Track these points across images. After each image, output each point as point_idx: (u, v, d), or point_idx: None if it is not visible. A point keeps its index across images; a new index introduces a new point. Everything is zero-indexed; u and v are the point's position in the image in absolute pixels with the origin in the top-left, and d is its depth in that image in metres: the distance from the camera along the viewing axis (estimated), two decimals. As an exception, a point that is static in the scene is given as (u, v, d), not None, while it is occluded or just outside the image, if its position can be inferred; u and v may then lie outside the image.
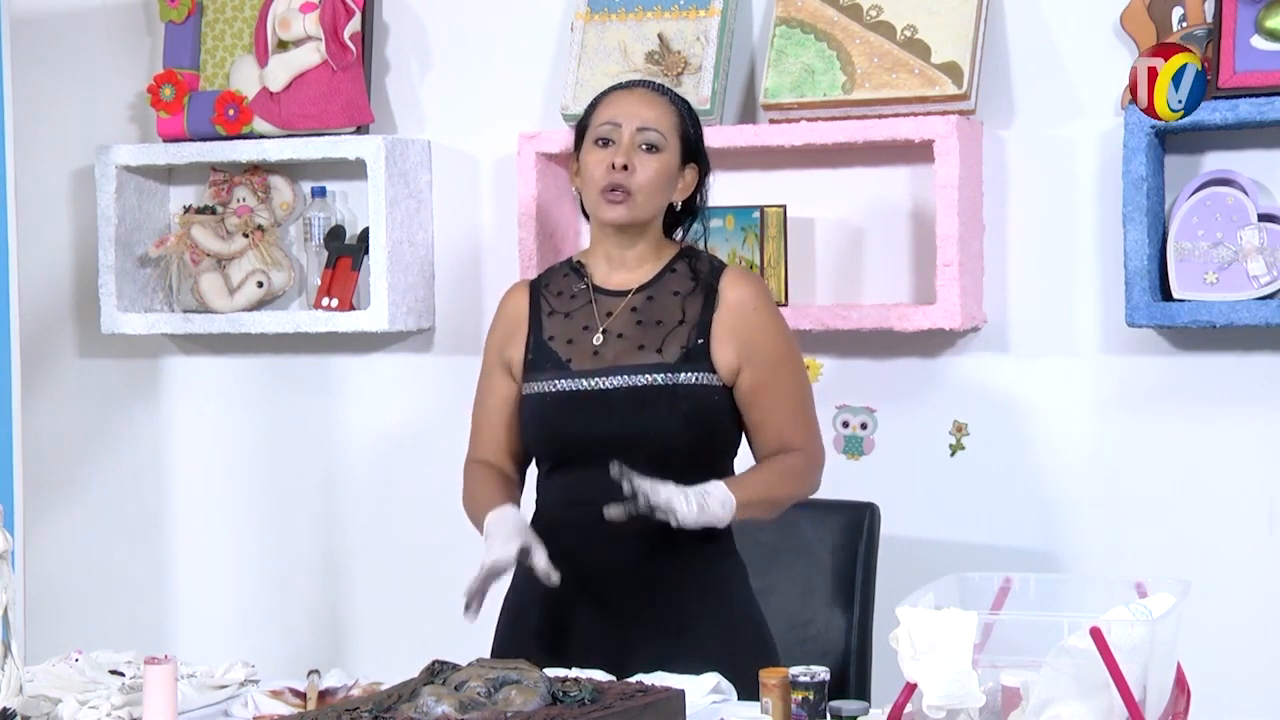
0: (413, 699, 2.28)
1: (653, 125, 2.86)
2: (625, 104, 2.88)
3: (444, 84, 3.97)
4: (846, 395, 3.64)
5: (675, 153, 2.88)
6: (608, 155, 2.85)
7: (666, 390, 2.80)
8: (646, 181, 2.84)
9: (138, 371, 4.24)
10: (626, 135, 2.85)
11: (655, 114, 2.87)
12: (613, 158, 2.84)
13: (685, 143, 2.90)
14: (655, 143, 2.85)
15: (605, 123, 2.87)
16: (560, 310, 2.92)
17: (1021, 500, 3.53)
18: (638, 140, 2.85)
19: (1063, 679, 2.14)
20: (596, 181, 2.85)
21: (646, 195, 2.85)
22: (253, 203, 4.03)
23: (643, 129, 2.85)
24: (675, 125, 2.88)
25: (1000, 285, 3.53)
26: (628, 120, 2.86)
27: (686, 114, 2.92)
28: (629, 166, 2.83)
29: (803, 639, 3.15)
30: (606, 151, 2.85)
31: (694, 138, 2.92)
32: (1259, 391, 3.38)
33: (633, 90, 2.92)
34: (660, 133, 2.86)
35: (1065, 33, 3.48)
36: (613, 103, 2.90)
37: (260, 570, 4.09)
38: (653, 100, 2.89)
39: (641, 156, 2.85)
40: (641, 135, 2.85)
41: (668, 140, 2.86)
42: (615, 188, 2.83)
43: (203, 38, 4.06)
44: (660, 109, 2.88)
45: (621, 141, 2.85)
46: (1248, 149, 3.36)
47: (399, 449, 4.01)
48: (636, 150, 2.85)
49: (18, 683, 2.33)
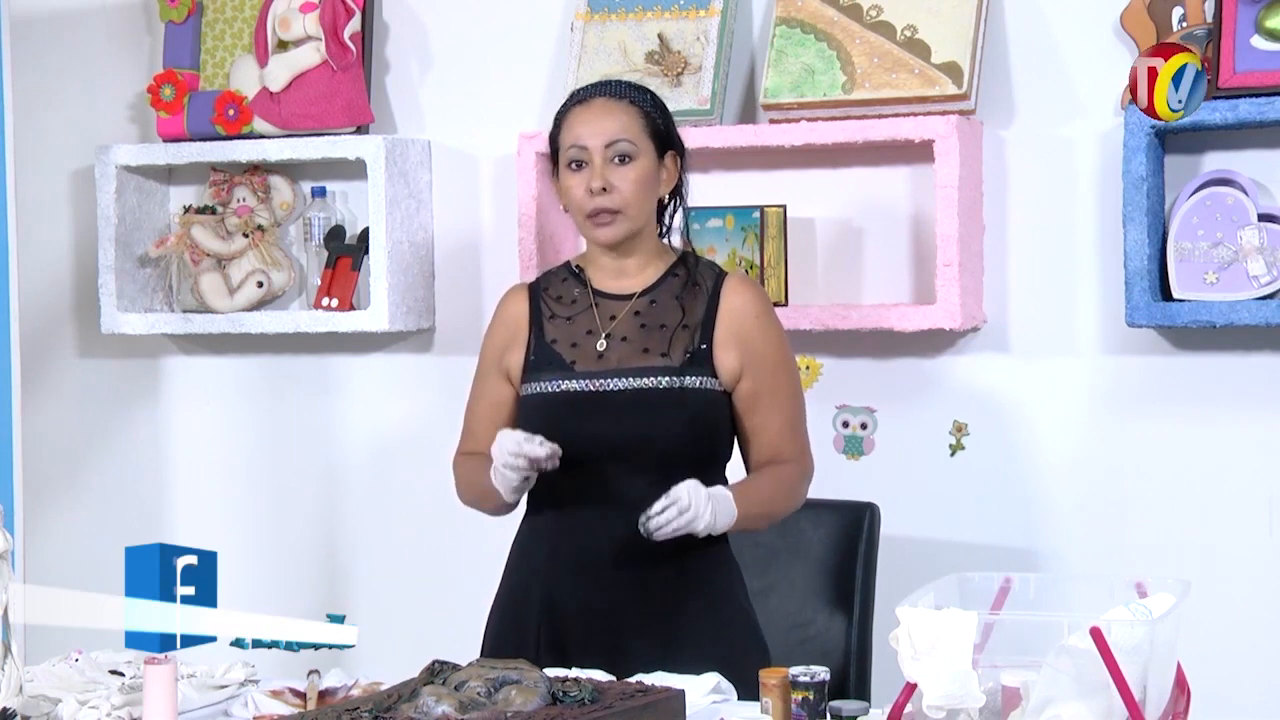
0: (413, 699, 2.28)
1: (620, 136, 2.84)
2: (588, 121, 2.85)
3: (444, 84, 3.97)
4: (846, 395, 3.64)
5: (650, 153, 2.87)
6: (584, 179, 2.84)
7: (673, 393, 2.80)
8: (628, 195, 2.84)
9: (138, 371, 4.24)
10: (597, 156, 2.83)
11: (619, 124, 2.85)
12: (589, 182, 2.83)
13: (657, 138, 2.88)
14: (627, 152, 2.84)
15: (572, 145, 2.85)
16: (561, 314, 2.91)
17: (1021, 500, 3.53)
18: (609, 155, 2.83)
19: (1063, 679, 2.14)
20: (580, 207, 2.85)
21: (633, 208, 2.85)
22: (253, 203, 4.03)
23: (611, 143, 2.83)
24: (643, 126, 2.86)
25: (1000, 285, 3.53)
26: (593, 138, 2.84)
27: (651, 108, 2.89)
28: (607, 187, 2.82)
29: (802, 639, 3.15)
30: (581, 175, 2.84)
31: (664, 128, 2.90)
32: (1259, 391, 3.38)
33: (591, 103, 2.88)
34: (629, 141, 2.84)
35: (1065, 33, 3.48)
36: (575, 122, 2.87)
37: (260, 570, 4.09)
38: (613, 109, 2.86)
39: (617, 171, 2.83)
40: (612, 150, 2.84)
41: (639, 145, 2.85)
42: (600, 210, 2.84)
43: (203, 38, 4.07)
44: (623, 116, 2.86)
45: (594, 163, 2.83)
46: (1248, 149, 3.36)
47: (399, 449, 4.01)
48: (610, 166, 2.83)
49: (18, 683, 2.33)
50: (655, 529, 2.66)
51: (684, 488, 2.68)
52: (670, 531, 2.67)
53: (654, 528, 2.66)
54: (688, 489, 2.68)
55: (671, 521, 2.66)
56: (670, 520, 2.66)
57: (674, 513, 2.66)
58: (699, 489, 2.69)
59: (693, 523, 2.68)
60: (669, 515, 2.66)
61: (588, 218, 2.85)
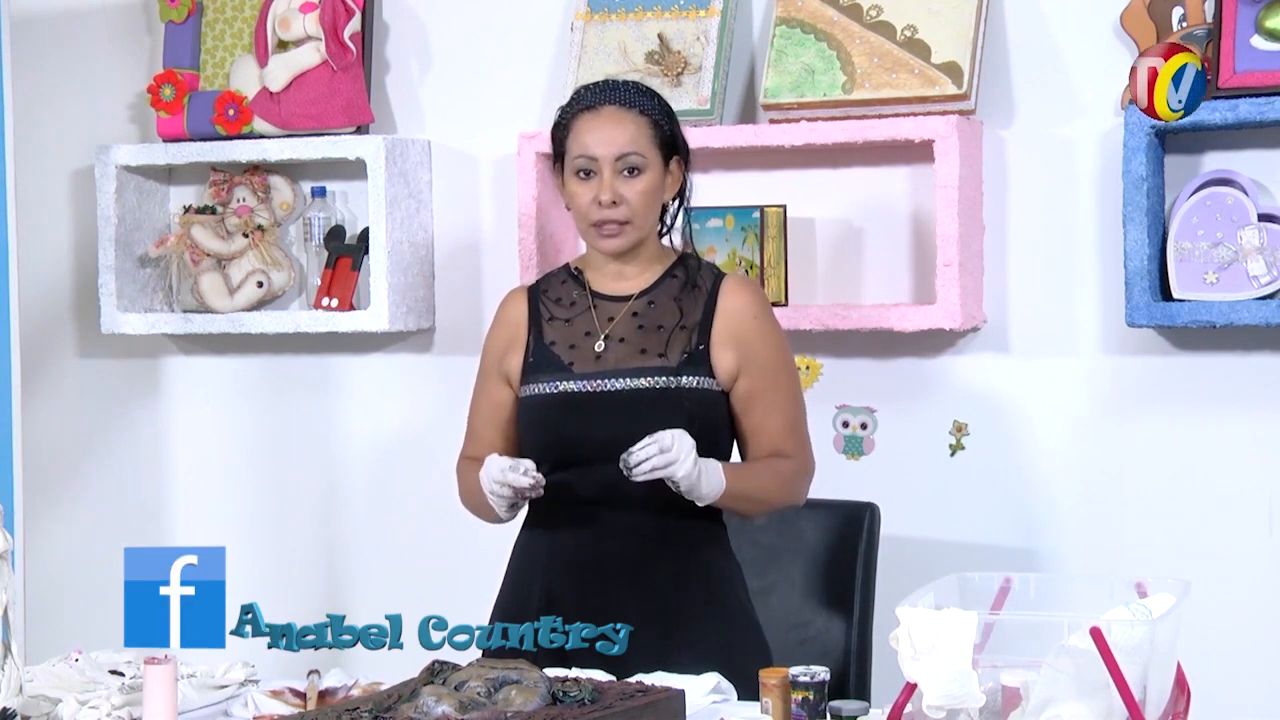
0: (413, 699, 2.28)
1: (630, 149, 2.84)
2: (597, 131, 2.85)
3: (444, 84, 3.97)
4: (846, 395, 3.64)
5: (658, 164, 2.87)
6: (592, 189, 2.84)
7: (669, 393, 2.80)
8: (637, 206, 2.85)
9: (138, 371, 4.23)
10: (606, 166, 2.84)
11: (629, 135, 2.85)
12: (597, 193, 2.83)
13: (664, 146, 2.89)
14: (636, 165, 2.85)
15: (581, 155, 2.85)
16: (560, 316, 2.92)
17: (1021, 500, 3.53)
18: (618, 168, 2.84)
19: (1063, 679, 2.14)
20: (586, 216, 2.86)
21: (640, 219, 2.86)
22: (253, 203, 4.03)
23: (622, 156, 2.84)
24: (651, 136, 2.87)
25: (1000, 285, 3.53)
26: (604, 149, 2.84)
27: (659, 115, 2.89)
28: (617, 200, 2.83)
29: (802, 639, 3.15)
30: (590, 185, 2.85)
31: (670, 134, 2.90)
32: (1259, 391, 3.38)
33: (600, 111, 2.87)
34: (639, 153, 2.85)
35: (1065, 33, 3.48)
36: (585, 129, 2.86)
37: (260, 570, 4.08)
38: (622, 119, 2.86)
39: (626, 182, 2.84)
40: (622, 162, 2.84)
41: (648, 157, 2.85)
42: (607, 222, 2.84)
43: (203, 38, 4.06)
44: (632, 127, 2.86)
45: (603, 174, 2.84)
46: (1248, 149, 3.36)
47: (399, 449, 4.01)
48: (619, 178, 2.84)
49: (18, 683, 2.33)
50: (635, 464, 2.67)
51: (669, 432, 2.68)
52: (648, 469, 2.67)
53: (634, 463, 2.67)
54: (672, 433, 2.68)
55: (651, 459, 2.66)
56: (650, 457, 2.66)
57: (654, 450, 2.66)
58: (685, 437, 2.69)
59: (672, 466, 2.67)
60: (649, 452, 2.66)
61: (593, 226, 2.85)
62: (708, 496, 2.75)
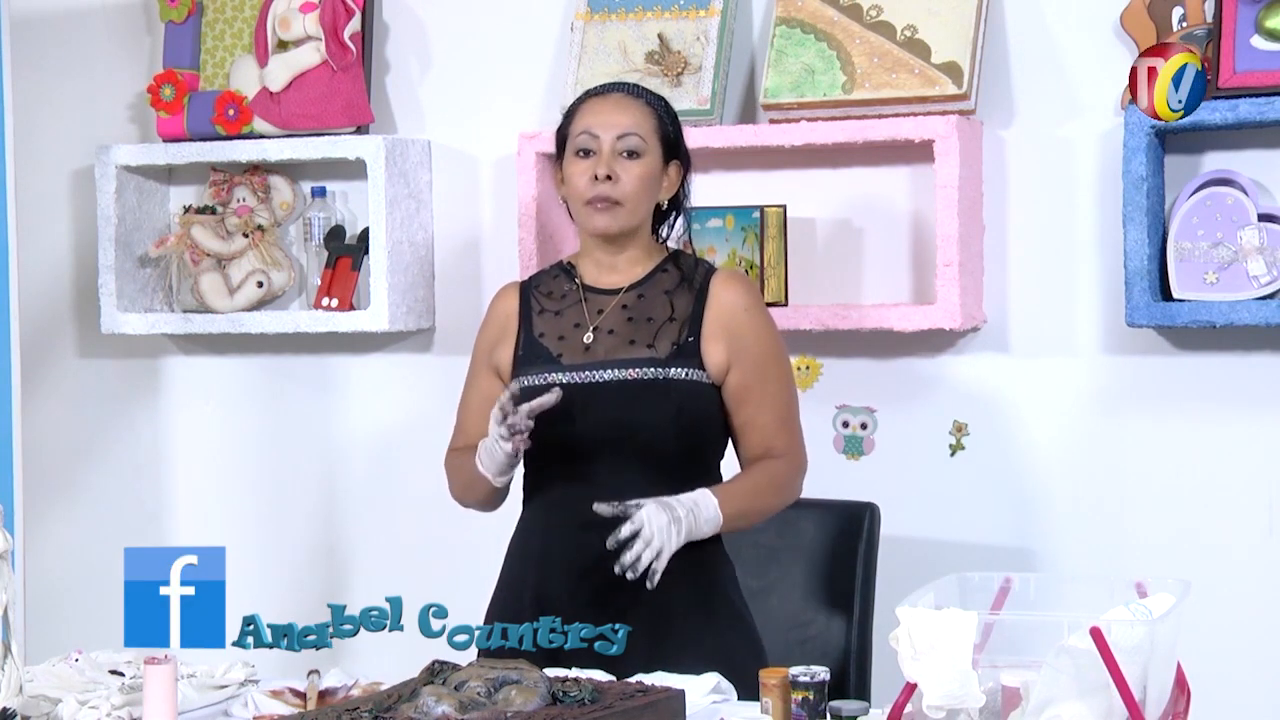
0: (413, 699, 2.28)
1: (632, 130, 2.86)
2: (602, 112, 2.88)
3: (444, 84, 3.97)
4: (846, 395, 3.64)
5: (657, 155, 2.89)
6: (589, 166, 2.86)
7: (658, 384, 2.81)
8: (631, 188, 2.86)
9: (138, 371, 4.24)
10: (606, 144, 2.86)
11: (633, 119, 2.88)
12: (595, 169, 2.85)
13: (665, 143, 2.91)
14: (636, 148, 2.86)
15: (583, 133, 2.88)
16: (550, 309, 2.93)
17: (1021, 500, 3.53)
18: (618, 148, 2.86)
19: (1063, 679, 2.14)
20: (581, 193, 2.87)
21: (633, 202, 2.86)
22: (253, 203, 4.03)
23: (622, 136, 2.86)
24: (654, 127, 2.89)
25: (1000, 285, 3.53)
26: (606, 129, 2.86)
27: (664, 113, 2.92)
28: (612, 176, 2.84)
29: (802, 639, 3.15)
30: (588, 162, 2.87)
31: (673, 136, 2.93)
32: (1259, 391, 3.38)
33: (608, 96, 2.92)
34: (640, 137, 2.87)
35: (1065, 33, 3.48)
36: (589, 111, 2.90)
37: (260, 570, 4.08)
38: (629, 105, 2.89)
39: (623, 164, 2.86)
40: (622, 142, 2.86)
41: (648, 144, 2.87)
42: (601, 198, 2.85)
43: (203, 38, 4.07)
44: (637, 113, 2.89)
45: (602, 151, 2.86)
46: (1248, 149, 3.36)
47: (399, 449, 4.01)
48: (618, 158, 2.86)
49: (18, 683, 2.33)
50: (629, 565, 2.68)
51: (640, 516, 2.68)
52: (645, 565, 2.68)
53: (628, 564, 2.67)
54: (643, 516, 2.68)
55: (641, 556, 2.67)
56: (639, 555, 2.67)
57: (641, 547, 2.67)
58: (656, 513, 2.69)
59: (663, 553, 2.68)
60: (638, 550, 2.67)
61: (587, 204, 2.86)
62: (709, 533, 2.77)
